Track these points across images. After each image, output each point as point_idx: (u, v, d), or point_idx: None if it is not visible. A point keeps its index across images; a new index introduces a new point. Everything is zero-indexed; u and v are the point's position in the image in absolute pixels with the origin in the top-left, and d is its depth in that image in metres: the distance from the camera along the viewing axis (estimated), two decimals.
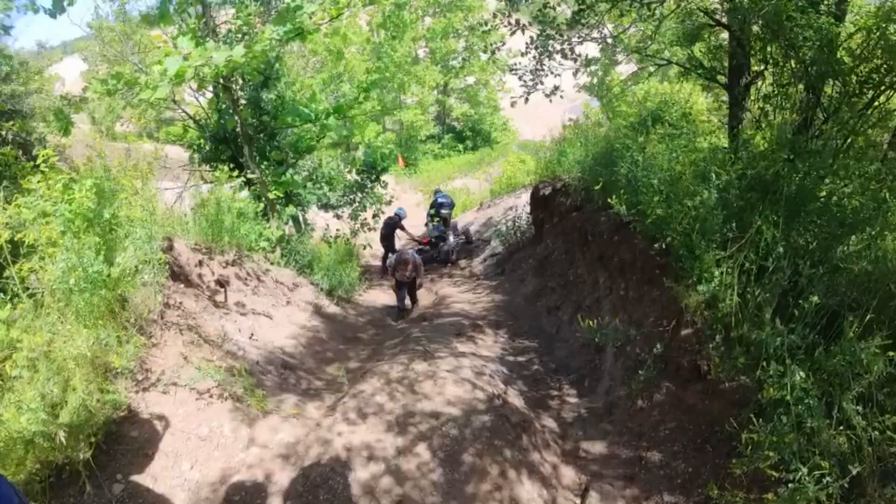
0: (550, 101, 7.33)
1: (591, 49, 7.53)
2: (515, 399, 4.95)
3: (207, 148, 9.02)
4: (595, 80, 24.59)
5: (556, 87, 7.13)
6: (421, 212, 19.29)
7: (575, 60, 7.08)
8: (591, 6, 6.59)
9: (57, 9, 4.79)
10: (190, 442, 3.73)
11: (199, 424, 3.89)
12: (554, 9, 6.96)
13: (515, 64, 7.28)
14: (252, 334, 5.89)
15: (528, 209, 10.88)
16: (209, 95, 9.52)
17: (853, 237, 3.94)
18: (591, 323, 5.22)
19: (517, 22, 6.97)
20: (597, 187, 6.52)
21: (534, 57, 7.03)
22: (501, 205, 15.16)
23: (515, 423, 4.38)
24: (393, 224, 12.61)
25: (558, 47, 6.89)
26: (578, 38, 6.94)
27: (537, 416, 4.96)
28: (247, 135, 7.94)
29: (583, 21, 6.75)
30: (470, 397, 4.52)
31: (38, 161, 4.22)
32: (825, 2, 5.09)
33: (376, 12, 29.01)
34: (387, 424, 4.18)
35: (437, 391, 4.62)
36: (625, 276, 5.91)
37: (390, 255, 12.91)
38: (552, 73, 7.08)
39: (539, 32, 6.90)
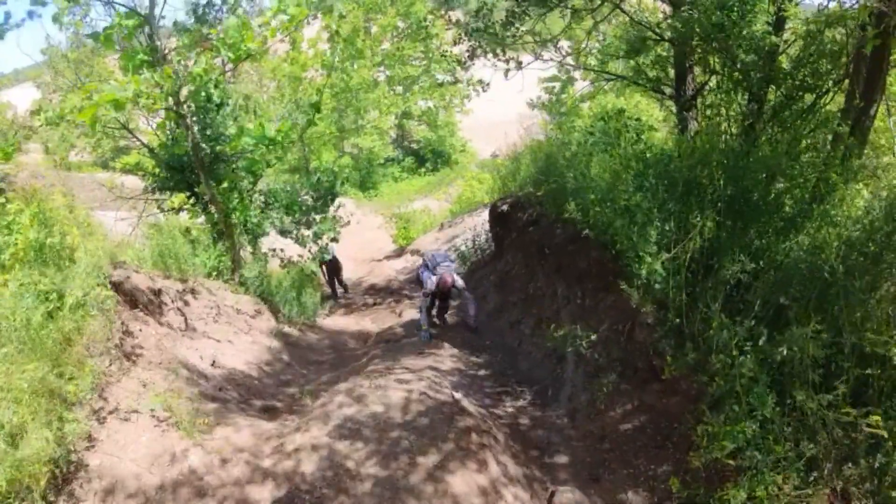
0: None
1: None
2: (472, 408, 5.00)
3: (162, 176, 8.88)
4: (552, 98, 25.08)
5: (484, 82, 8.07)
6: (381, 236, 19.31)
7: (507, 62, 7.43)
8: (524, 12, 6.92)
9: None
10: (152, 469, 3.69)
11: (160, 451, 3.85)
12: (491, 11, 7.33)
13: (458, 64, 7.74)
14: (213, 361, 5.82)
15: (487, 227, 11.03)
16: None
17: (794, 233, 4.16)
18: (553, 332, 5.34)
19: (455, 21, 7.33)
20: (541, 194, 6.69)
21: (466, 50, 7.52)
22: (462, 224, 15.28)
23: (475, 433, 4.45)
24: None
25: (495, 51, 7.25)
26: (512, 37, 7.28)
27: (499, 426, 5.03)
28: (200, 161, 7.87)
29: (515, 23, 7.08)
30: (427, 409, 4.54)
31: None
32: (758, 9, 5.37)
33: (327, 30, 28.85)
34: (347, 437, 4.21)
35: (396, 405, 4.64)
36: (581, 285, 6.04)
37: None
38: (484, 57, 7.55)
39: (472, 30, 7.29)
